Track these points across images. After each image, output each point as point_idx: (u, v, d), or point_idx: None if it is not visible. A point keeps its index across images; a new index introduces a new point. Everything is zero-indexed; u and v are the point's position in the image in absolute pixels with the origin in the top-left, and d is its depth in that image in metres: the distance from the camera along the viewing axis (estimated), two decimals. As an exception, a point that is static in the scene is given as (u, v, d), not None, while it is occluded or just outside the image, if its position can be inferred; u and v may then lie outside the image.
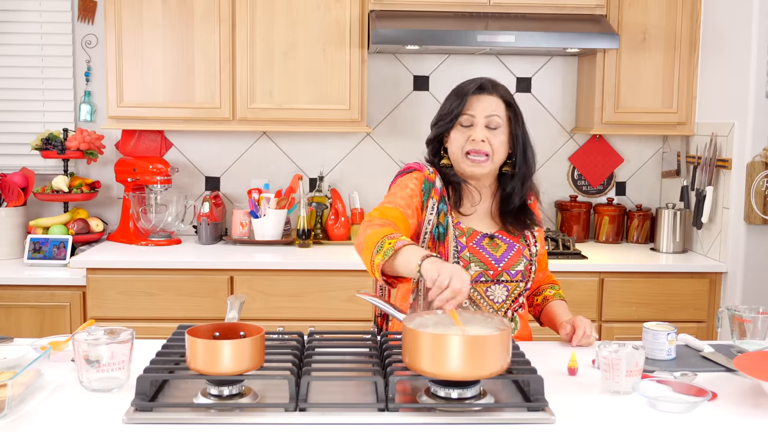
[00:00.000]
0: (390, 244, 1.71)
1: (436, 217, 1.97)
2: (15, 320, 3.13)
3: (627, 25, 3.43)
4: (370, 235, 1.77)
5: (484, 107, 1.97)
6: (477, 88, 1.99)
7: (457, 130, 1.99)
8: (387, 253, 1.70)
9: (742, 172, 3.15)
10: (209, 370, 1.47)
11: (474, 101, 1.98)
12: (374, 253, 1.73)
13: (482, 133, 1.95)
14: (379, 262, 1.71)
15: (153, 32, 3.34)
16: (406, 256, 1.68)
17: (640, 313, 3.23)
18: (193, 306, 3.17)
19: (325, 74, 3.39)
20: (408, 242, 1.72)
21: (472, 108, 1.97)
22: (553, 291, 2.18)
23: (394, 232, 1.78)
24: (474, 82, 2.01)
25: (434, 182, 2.00)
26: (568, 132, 3.83)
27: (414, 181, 1.99)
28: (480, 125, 1.96)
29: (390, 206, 1.92)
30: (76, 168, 3.73)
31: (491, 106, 1.97)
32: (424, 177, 2.00)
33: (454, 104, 1.99)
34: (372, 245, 1.74)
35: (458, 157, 1.99)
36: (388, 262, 1.71)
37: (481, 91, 1.98)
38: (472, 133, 1.96)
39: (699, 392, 1.56)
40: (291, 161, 3.78)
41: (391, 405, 1.47)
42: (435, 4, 3.33)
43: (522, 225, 2.04)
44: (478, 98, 1.98)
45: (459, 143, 1.98)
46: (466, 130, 1.97)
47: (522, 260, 2.01)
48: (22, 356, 1.72)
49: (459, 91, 2.01)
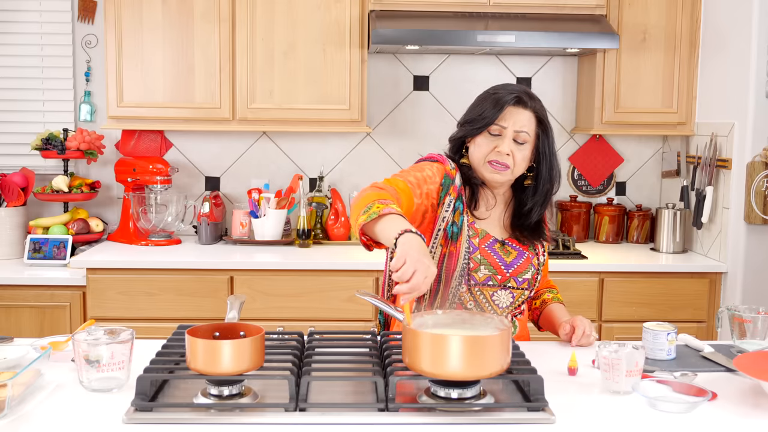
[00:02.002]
0: (377, 208, 1.71)
1: (451, 214, 1.96)
2: (15, 320, 3.13)
3: (627, 25, 3.43)
4: (365, 196, 1.79)
5: (516, 121, 1.93)
6: (515, 100, 1.94)
7: (484, 137, 1.96)
8: (371, 215, 1.70)
9: (742, 172, 3.15)
10: (209, 370, 1.47)
11: (508, 113, 1.93)
12: (361, 212, 1.74)
13: (508, 146, 1.92)
14: (362, 222, 1.72)
15: (153, 32, 3.34)
16: (387, 225, 1.68)
17: (640, 313, 3.23)
18: (193, 306, 3.17)
19: (325, 74, 3.39)
20: (395, 211, 1.71)
21: (505, 120, 1.93)
22: (552, 294, 2.17)
23: (389, 198, 1.78)
24: (512, 93, 1.95)
25: (454, 179, 1.98)
26: (568, 132, 3.83)
27: (434, 170, 1.97)
28: (508, 138, 1.93)
29: (399, 178, 1.91)
30: (76, 168, 3.73)
31: (523, 120, 1.93)
32: (445, 171, 1.98)
33: (488, 111, 1.94)
34: (363, 205, 1.75)
35: (479, 163, 1.96)
36: (370, 224, 1.71)
37: (518, 104, 1.94)
38: (499, 144, 1.93)
39: (699, 392, 1.56)
40: (291, 161, 3.78)
41: (391, 405, 1.47)
42: (435, 4, 3.33)
43: (534, 238, 2.03)
44: (512, 111, 1.93)
45: (483, 151, 1.95)
46: (493, 139, 1.94)
47: (530, 269, 2.01)
48: (22, 356, 1.72)
49: (496, 99, 1.96)
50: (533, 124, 1.95)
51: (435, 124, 3.78)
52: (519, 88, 1.98)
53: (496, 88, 2.00)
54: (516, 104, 1.94)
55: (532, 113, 1.95)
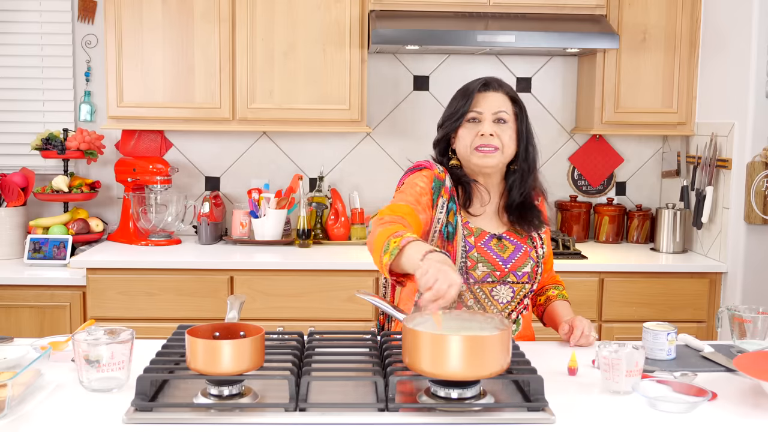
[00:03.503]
0: (395, 243, 1.71)
1: (445, 216, 1.96)
2: (15, 320, 3.13)
3: (627, 25, 3.43)
4: (378, 235, 1.78)
5: (491, 104, 1.97)
6: (482, 85, 1.99)
7: (464, 128, 1.98)
8: (393, 252, 1.70)
9: (742, 172, 3.15)
10: (209, 370, 1.47)
11: (480, 99, 1.98)
12: (382, 253, 1.73)
13: (491, 127, 1.95)
14: (387, 262, 1.71)
15: (153, 32, 3.34)
16: (409, 254, 1.68)
17: (640, 313, 3.23)
18: (193, 306, 3.17)
19: (325, 74, 3.39)
20: (412, 239, 1.71)
21: (479, 105, 1.97)
22: (557, 291, 2.17)
23: (400, 229, 1.78)
24: (478, 81, 2.01)
25: (444, 181, 1.99)
26: (568, 132, 3.83)
27: (424, 179, 1.98)
28: (488, 120, 1.95)
29: (400, 203, 1.92)
30: (76, 168, 3.73)
31: (497, 102, 1.97)
32: (434, 175, 1.99)
33: (460, 103, 1.99)
34: (381, 245, 1.75)
35: (467, 153, 1.98)
36: (395, 261, 1.70)
37: (486, 89, 1.98)
38: (480, 128, 1.95)
39: (699, 392, 1.56)
40: (291, 161, 3.78)
41: (391, 405, 1.47)
42: (435, 4, 3.33)
43: (528, 223, 2.02)
44: (484, 95, 1.98)
45: (467, 140, 1.97)
46: (474, 126, 1.97)
47: (529, 262, 2.01)
48: (22, 356, 1.72)
49: (464, 90, 2.01)
50: (508, 104, 1.99)
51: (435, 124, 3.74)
52: (486, 76, 2.03)
53: (464, 84, 2.04)
54: (485, 89, 1.99)
55: (503, 94, 1.99)
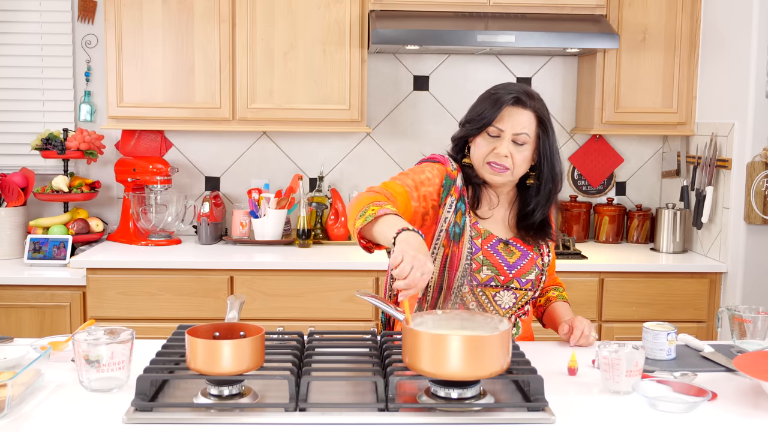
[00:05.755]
0: (373, 211, 1.72)
1: (453, 215, 1.95)
2: (15, 320, 3.12)
3: (627, 25, 3.43)
4: (360, 199, 1.80)
5: (515, 123, 1.92)
6: (514, 100, 1.93)
7: (483, 137, 1.95)
8: (368, 218, 1.71)
9: (742, 172, 3.15)
10: (209, 370, 1.47)
11: (506, 114, 1.92)
12: (357, 216, 1.75)
13: (507, 148, 1.91)
14: (359, 225, 1.73)
15: (153, 32, 3.34)
16: (384, 226, 1.69)
17: (640, 313, 3.23)
18: (193, 306, 3.17)
19: (325, 74, 3.39)
20: (391, 211, 1.72)
21: (503, 121, 1.92)
22: (557, 292, 2.17)
23: (384, 200, 1.79)
24: (511, 93, 1.93)
25: (455, 180, 1.97)
26: (568, 132, 3.83)
27: (434, 172, 1.97)
28: (507, 140, 1.92)
29: (397, 182, 1.91)
30: (76, 168, 3.73)
31: (522, 122, 1.92)
32: (446, 173, 1.98)
33: (487, 111, 1.93)
34: (359, 209, 1.77)
35: (479, 163, 1.96)
36: (367, 227, 1.73)
37: (516, 104, 1.93)
38: (497, 146, 1.92)
39: (699, 392, 1.56)
40: (291, 161, 3.78)
41: (391, 405, 1.47)
42: (435, 4, 3.33)
43: (539, 238, 2.02)
44: (512, 111, 1.92)
45: (482, 152, 1.95)
46: (492, 140, 1.93)
47: (534, 269, 2.00)
48: (22, 356, 1.72)
49: (495, 98, 1.94)
50: (533, 124, 1.94)
51: (435, 124, 3.78)
52: (519, 87, 1.97)
53: (497, 87, 1.99)
54: (515, 104, 1.93)
55: (532, 113, 1.93)
